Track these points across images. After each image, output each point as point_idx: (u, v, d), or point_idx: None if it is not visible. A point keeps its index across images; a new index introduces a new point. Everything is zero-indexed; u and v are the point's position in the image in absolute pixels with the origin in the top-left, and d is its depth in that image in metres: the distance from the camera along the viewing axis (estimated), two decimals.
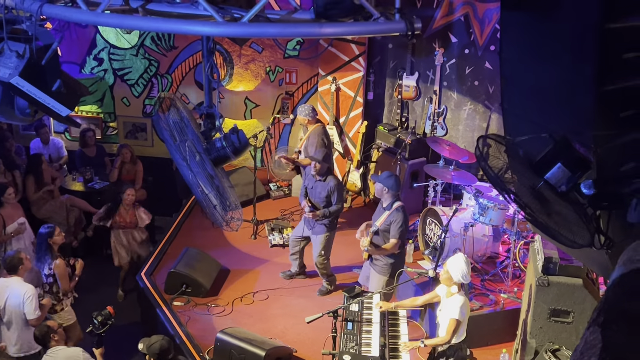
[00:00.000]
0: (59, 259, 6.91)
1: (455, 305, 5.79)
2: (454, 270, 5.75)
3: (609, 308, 1.82)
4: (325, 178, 7.61)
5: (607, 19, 3.39)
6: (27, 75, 3.67)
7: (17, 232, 7.81)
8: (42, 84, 3.78)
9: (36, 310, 6.28)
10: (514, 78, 4.71)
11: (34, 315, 6.27)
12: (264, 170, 10.71)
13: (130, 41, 10.68)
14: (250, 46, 10.46)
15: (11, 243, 7.81)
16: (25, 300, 6.24)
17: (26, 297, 6.25)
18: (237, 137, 4.55)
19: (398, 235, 6.78)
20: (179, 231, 9.34)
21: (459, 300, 5.79)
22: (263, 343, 6.62)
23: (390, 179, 6.80)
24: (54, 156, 10.33)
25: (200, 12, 3.53)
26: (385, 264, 6.90)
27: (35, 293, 6.34)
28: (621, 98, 3.58)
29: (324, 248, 7.80)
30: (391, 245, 6.78)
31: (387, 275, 6.93)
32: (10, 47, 3.69)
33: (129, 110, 11.07)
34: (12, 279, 6.43)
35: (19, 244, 7.88)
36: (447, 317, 5.85)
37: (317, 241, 7.82)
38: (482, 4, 8.95)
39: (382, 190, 6.82)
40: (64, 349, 5.87)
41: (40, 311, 6.34)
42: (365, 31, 3.43)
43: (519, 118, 4.71)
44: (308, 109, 8.66)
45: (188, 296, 7.82)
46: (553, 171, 3.20)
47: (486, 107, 9.21)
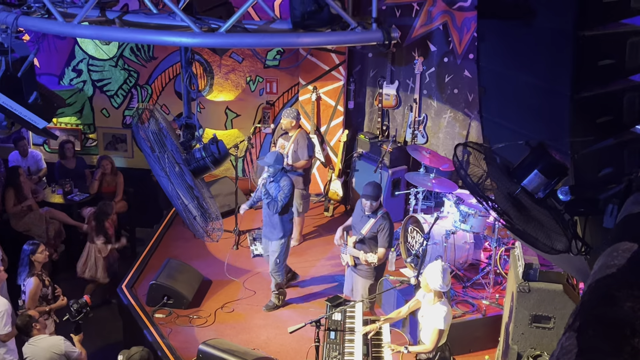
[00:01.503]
0: (34, 277, 6.80)
1: (439, 314, 5.78)
2: (430, 279, 5.76)
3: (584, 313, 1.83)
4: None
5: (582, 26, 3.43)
6: (3, 88, 3.64)
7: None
8: (19, 96, 3.74)
9: (6, 326, 6.15)
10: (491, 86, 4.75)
11: (3, 330, 6.16)
12: (245, 180, 10.69)
13: (109, 52, 10.64)
14: (230, 56, 10.46)
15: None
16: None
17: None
18: (217, 148, 4.54)
19: (387, 244, 6.81)
20: (160, 242, 9.28)
21: (443, 310, 5.79)
22: (246, 354, 6.58)
23: (376, 189, 6.80)
24: (32, 169, 10.24)
25: (177, 22, 3.52)
26: (369, 268, 6.90)
27: (5, 309, 6.18)
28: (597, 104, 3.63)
29: (279, 255, 7.67)
30: (381, 254, 6.79)
31: (372, 280, 6.95)
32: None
33: (108, 121, 11.01)
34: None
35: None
36: (431, 326, 5.84)
37: (273, 247, 7.69)
38: (460, 13, 9.01)
39: (372, 204, 6.79)
40: (45, 338, 6.00)
41: (11, 327, 6.19)
42: (343, 41, 3.45)
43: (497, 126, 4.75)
44: (294, 112, 8.79)
45: (170, 308, 7.76)
46: (530, 178, 3.23)
47: (466, 114, 9.27)
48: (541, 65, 3.89)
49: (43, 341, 5.97)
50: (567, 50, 3.56)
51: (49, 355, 5.94)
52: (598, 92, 3.61)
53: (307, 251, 9.17)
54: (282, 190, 7.42)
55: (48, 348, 5.95)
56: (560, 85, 3.67)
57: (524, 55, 4.26)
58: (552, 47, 3.75)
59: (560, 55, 3.67)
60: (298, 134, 8.76)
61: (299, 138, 8.73)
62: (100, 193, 9.93)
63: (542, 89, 3.82)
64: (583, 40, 3.47)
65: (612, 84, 3.73)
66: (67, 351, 5.98)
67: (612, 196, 3.16)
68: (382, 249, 6.80)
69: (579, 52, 3.50)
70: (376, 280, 6.99)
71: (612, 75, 3.71)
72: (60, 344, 5.96)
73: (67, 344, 5.99)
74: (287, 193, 7.44)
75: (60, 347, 5.95)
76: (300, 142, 8.72)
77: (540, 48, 3.93)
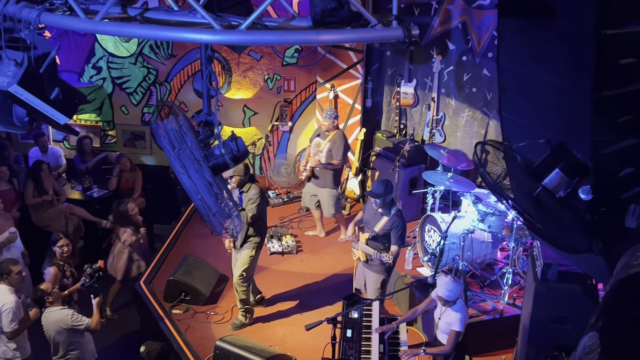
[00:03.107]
0: (54, 266, 7.05)
1: (456, 317, 5.84)
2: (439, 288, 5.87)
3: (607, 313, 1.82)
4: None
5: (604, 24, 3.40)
6: (25, 84, 3.67)
7: (9, 241, 7.77)
8: (41, 92, 3.79)
9: (12, 324, 6.25)
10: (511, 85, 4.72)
11: (9, 328, 6.26)
12: (262, 178, 10.71)
13: (128, 49, 10.70)
14: (248, 54, 10.49)
15: (2, 253, 7.78)
16: (2, 312, 6.23)
17: (3, 309, 6.24)
18: (236, 145, 4.54)
19: (400, 242, 6.80)
20: (178, 239, 9.34)
21: (459, 313, 5.84)
22: (262, 351, 6.61)
23: (388, 186, 6.78)
24: (52, 165, 10.31)
25: (198, 20, 3.53)
26: (382, 264, 6.90)
27: (13, 306, 6.25)
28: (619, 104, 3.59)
29: (246, 268, 7.26)
30: (394, 252, 6.78)
31: (384, 274, 6.94)
32: (9, 55, 3.70)
33: (127, 118, 11.08)
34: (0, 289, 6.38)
35: (9, 254, 7.85)
36: (448, 327, 5.86)
37: (241, 259, 7.29)
38: (479, 11, 8.97)
39: (384, 200, 6.79)
40: (55, 311, 6.27)
41: (18, 325, 6.29)
42: (363, 38, 3.43)
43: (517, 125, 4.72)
44: (334, 113, 8.89)
45: (187, 304, 7.81)
46: (551, 177, 3.20)
47: (484, 113, 9.22)
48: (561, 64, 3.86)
49: (53, 314, 6.25)
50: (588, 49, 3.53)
51: (57, 328, 6.26)
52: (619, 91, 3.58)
53: (323, 249, 9.18)
54: (251, 200, 7.07)
55: (56, 321, 6.25)
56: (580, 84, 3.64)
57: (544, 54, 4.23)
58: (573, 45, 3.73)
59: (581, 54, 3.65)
60: (336, 134, 8.80)
61: (336, 138, 8.77)
62: (119, 189, 10.00)
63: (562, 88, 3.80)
64: (604, 39, 3.44)
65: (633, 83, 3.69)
66: (74, 325, 6.24)
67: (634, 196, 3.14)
68: (395, 247, 6.79)
69: (600, 51, 3.47)
70: (388, 275, 6.99)
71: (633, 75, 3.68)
72: (67, 319, 6.22)
73: (74, 318, 6.24)
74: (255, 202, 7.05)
75: (67, 322, 6.23)
76: (337, 142, 8.75)
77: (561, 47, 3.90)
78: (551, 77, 4.13)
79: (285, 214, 10.03)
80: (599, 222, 3.45)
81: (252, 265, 7.37)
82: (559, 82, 3.89)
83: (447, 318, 5.90)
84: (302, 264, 8.84)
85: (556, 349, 6.03)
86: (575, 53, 3.69)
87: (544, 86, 4.27)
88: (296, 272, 8.62)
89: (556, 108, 3.88)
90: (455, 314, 5.83)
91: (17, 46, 3.79)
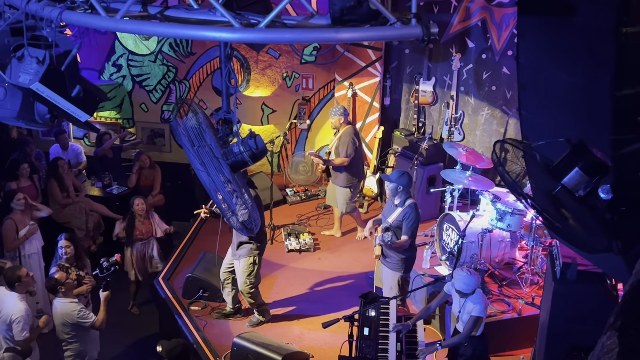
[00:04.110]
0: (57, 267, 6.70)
1: (474, 305, 5.85)
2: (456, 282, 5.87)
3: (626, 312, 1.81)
4: None
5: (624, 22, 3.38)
6: (47, 81, 3.72)
7: (31, 233, 7.88)
8: (62, 89, 3.83)
9: (23, 332, 6.19)
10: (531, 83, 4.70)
11: (21, 337, 6.21)
12: (280, 175, 10.75)
13: (148, 47, 10.77)
14: (267, 52, 10.51)
15: (24, 247, 7.88)
16: (13, 322, 6.17)
17: (14, 319, 6.16)
18: (255, 142, 4.57)
19: (410, 232, 6.79)
20: (196, 236, 9.39)
21: (478, 301, 5.85)
22: (279, 348, 6.62)
23: (404, 177, 6.79)
24: (72, 162, 10.42)
25: (217, 18, 3.55)
26: (398, 259, 6.88)
27: (23, 315, 6.18)
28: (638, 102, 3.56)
29: (249, 275, 7.15)
30: (402, 241, 6.78)
31: (400, 271, 6.93)
32: (31, 53, 3.75)
33: (147, 116, 11.15)
34: (10, 295, 6.29)
35: (31, 247, 7.95)
36: (468, 315, 5.87)
37: (241, 267, 7.18)
38: (499, 9, 8.92)
39: (396, 188, 6.80)
40: (64, 303, 6.22)
41: (29, 333, 6.25)
42: (382, 36, 3.44)
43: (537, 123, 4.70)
44: (341, 109, 8.79)
45: (205, 301, 7.85)
46: (570, 176, 3.18)
47: (504, 112, 9.17)
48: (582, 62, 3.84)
49: (61, 305, 6.23)
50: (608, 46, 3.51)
51: (62, 321, 6.23)
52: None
53: (340, 247, 9.19)
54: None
55: (62, 314, 6.21)
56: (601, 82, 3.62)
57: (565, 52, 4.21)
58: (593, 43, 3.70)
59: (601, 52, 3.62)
60: (344, 131, 8.74)
61: (343, 135, 8.71)
62: (138, 187, 10.08)
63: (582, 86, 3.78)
64: (625, 37, 3.41)
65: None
66: (79, 321, 6.20)
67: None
68: (405, 237, 6.77)
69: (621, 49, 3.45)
70: (405, 272, 6.97)
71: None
72: (73, 314, 6.18)
73: (80, 315, 6.19)
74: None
75: (73, 317, 6.18)
76: (343, 138, 8.69)
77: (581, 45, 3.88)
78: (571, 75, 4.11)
79: (303, 211, 10.05)
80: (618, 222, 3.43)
81: (256, 272, 7.24)
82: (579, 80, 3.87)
83: (467, 309, 5.90)
84: (320, 261, 8.85)
85: (575, 349, 6.00)
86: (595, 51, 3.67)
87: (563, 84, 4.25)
88: (314, 270, 8.64)
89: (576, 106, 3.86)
90: (475, 304, 5.84)
91: (39, 44, 3.84)
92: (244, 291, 7.28)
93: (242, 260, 7.16)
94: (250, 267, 7.15)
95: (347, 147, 8.64)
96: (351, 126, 8.87)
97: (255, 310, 7.52)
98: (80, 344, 6.33)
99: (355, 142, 8.74)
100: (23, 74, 3.69)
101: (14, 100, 3.91)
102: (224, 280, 7.47)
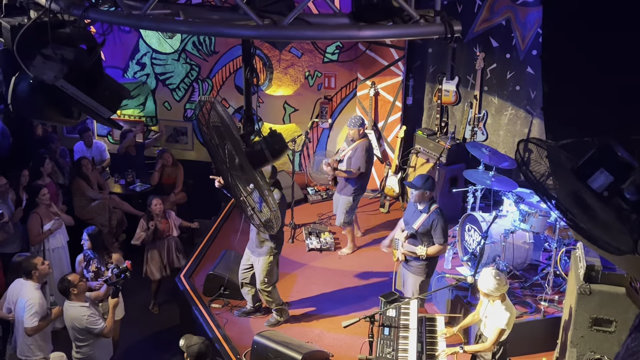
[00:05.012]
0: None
1: (502, 314, 5.76)
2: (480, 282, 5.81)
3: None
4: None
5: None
6: (71, 78, 3.75)
7: (56, 227, 7.98)
8: (86, 86, 3.86)
9: (33, 319, 6.28)
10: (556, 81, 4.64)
11: (29, 324, 6.29)
12: (302, 174, 10.74)
13: (172, 46, 10.83)
14: (289, 51, 10.51)
15: (48, 241, 7.97)
16: (25, 308, 6.29)
17: (27, 304, 6.29)
18: (276, 141, 4.56)
19: (443, 239, 6.75)
20: (218, 234, 9.42)
21: (505, 310, 5.76)
22: (299, 347, 6.61)
23: (429, 181, 6.76)
24: (97, 159, 10.53)
25: (240, 16, 3.56)
26: (420, 264, 6.85)
27: (37, 302, 6.31)
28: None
29: (267, 274, 7.18)
30: (435, 250, 6.76)
31: (423, 276, 6.89)
32: (55, 50, 3.78)
33: (170, 114, 11.22)
34: (26, 284, 6.43)
35: (56, 242, 8.04)
36: (492, 325, 5.79)
37: (261, 265, 7.19)
38: (524, 8, 8.84)
39: (422, 195, 6.76)
40: (75, 307, 6.19)
41: (38, 322, 6.32)
42: (405, 34, 3.41)
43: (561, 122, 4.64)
44: (359, 120, 8.61)
45: (226, 298, 7.87)
46: (596, 176, 3.13)
47: (528, 112, 9.09)
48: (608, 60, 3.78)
49: (72, 309, 6.19)
50: None
51: (71, 325, 6.22)
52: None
53: (361, 247, 9.15)
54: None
55: (72, 318, 6.19)
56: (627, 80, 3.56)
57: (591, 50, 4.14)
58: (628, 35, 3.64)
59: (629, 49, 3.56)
60: (360, 143, 8.54)
61: (359, 147, 8.51)
62: (160, 184, 10.15)
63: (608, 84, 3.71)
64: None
65: None
66: (88, 327, 6.16)
67: None
68: (438, 246, 6.74)
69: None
70: (427, 277, 6.93)
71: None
72: (82, 319, 6.14)
73: (90, 320, 6.14)
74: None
75: (82, 322, 6.15)
76: (358, 151, 8.51)
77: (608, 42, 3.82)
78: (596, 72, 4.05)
79: (324, 210, 10.04)
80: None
81: (275, 271, 7.25)
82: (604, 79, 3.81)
83: (494, 315, 5.82)
84: (340, 261, 8.84)
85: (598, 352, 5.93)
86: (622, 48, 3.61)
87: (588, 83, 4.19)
88: (334, 269, 8.63)
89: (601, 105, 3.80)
90: (500, 311, 5.76)
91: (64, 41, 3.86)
92: (261, 289, 7.29)
93: (262, 258, 7.17)
94: (269, 266, 7.16)
95: (360, 161, 8.44)
96: (367, 139, 8.65)
97: (273, 310, 7.53)
98: (89, 349, 6.30)
99: (368, 156, 8.53)
100: (47, 70, 3.72)
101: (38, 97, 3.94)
102: (242, 280, 7.48)
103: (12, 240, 7.99)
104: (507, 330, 5.80)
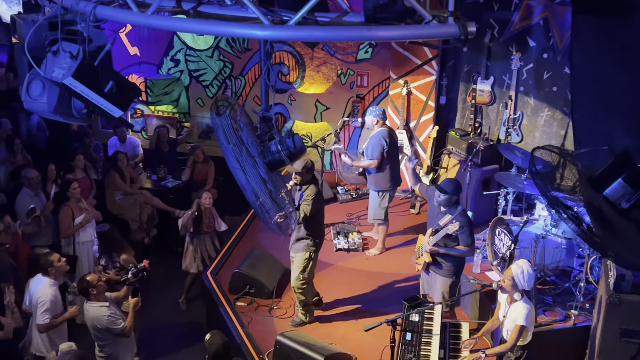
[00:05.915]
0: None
1: (520, 311, 5.66)
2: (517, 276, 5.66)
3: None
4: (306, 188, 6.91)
5: None
6: (80, 76, 3.74)
7: (87, 221, 8.06)
8: (95, 85, 3.85)
9: (44, 316, 6.32)
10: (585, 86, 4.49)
11: (40, 320, 6.34)
12: (332, 173, 10.66)
13: (206, 43, 10.85)
14: (322, 49, 10.43)
15: (79, 234, 8.06)
16: (38, 304, 6.34)
17: (39, 301, 6.33)
18: (293, 141, 4.50)
19: (470, 240, 6.61)
20: (246, 231, 9.41)
21: (524, 307, 5.66)
22: (322, 348, 6.56)
23: (459, 187, 6.62)
24: (130, 154, 10.63)
25: (250, 14, 3.49)
26: (450, 266, 6.71)
27: (50, 299, 6.34)
28: None
29: (302, 270, 7.12)
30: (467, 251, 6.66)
31: (452, 277, 6.76)
32: (65, 48, 3.77)
33: (203, 110, 11.25)
34: (42, 280, 6.48)
35: (86, 235, 8.12)
36: (512, 323, 5.67)
37: (296, 261, 7.16)
38: (562, 7, 8.58)
39: (450, 199, 6.61)
40: (95, 307, 6.14)
41: (50, 319, 6.36)
42: (416, 35, 3.30)
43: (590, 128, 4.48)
44: (378, 111, 8.53)
45: (251, 297, 7.84)
46: (613, 187, 2.99)
47: (564, 114, 8.83)
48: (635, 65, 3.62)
49: (92, 309, 6.14)
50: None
51: (92, 324, 6.18)
52: None
53: (390, 248, 9.03)
54: (305, 200, 6.77)
55: (92, 318, 6.14)
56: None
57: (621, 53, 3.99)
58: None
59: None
60: (375, 132, 8.45)
61: (373, 136, 8.45)
62: (192, 180, 10.19)
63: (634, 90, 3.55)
64: None
65: None
66: (108, 326, 6.12)
67: None
68: (466, 247, 6.59)
69: None
70: (457, 278, 6.79)
71: None
72: (102, 319, 6.10)
73: (110, 320, 6.09)
74: (309, 202, 6.76)
75: (102, 322, 6.10)
76: (372, 140, 8.42)
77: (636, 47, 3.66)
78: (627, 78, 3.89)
79: (353, 210, 9.94)
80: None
81: (310, 268, 7.18)
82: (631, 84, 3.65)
83: (512, 314, 5.71)
84: (368, 262, 8.73)
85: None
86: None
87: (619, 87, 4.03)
88: (361, 270, 8.52)
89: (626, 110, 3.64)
90: (519, 309, 5.64)
91: (74, 39, 3.85)
92: (295, 286, 7.23)
93: (298, 255, 7.12)
94: (305, 263, 7.10)
95: (375, 151, 8.34)
96: (383, 128, 8.49)
97: (300, 310, 7.46)
98: (111, 348, 6.27)
99: (384, 145, 8.34)
100: (57, 68, 3.72)
101: (51, 95, 3.94)
102: None
103: (44, 233, 8.11)
104: (528, 329, 5.69)
